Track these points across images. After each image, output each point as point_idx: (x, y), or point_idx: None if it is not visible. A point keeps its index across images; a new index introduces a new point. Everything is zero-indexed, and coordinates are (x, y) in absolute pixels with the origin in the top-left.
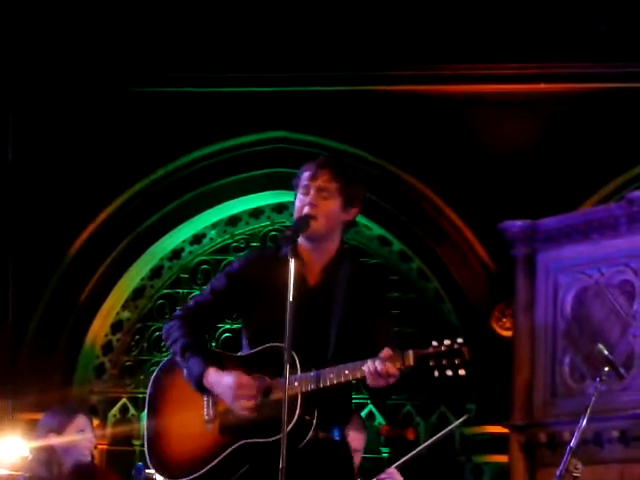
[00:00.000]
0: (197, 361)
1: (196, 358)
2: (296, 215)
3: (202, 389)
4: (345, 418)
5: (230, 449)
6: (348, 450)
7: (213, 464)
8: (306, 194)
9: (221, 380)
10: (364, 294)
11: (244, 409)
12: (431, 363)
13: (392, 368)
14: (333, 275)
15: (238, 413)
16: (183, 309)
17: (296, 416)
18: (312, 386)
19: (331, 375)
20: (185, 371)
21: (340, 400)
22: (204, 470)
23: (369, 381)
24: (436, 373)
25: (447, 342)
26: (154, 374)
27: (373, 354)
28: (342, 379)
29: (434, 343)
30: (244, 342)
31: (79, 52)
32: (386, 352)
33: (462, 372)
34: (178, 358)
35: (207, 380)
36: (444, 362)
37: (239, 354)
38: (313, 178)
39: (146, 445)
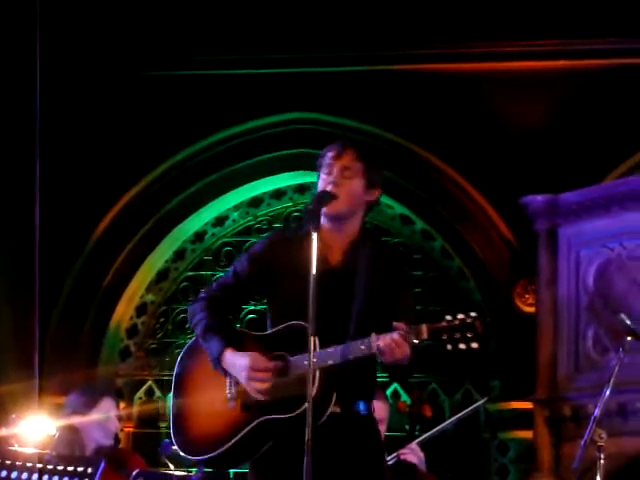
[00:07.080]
0: (217, 342)
1: (216, 339)
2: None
3: (221, 369)
4: (370, 392)
5: (251, 426)
6: (375, 423)
7: (235, 440)
8: (330, 173)
9: (236, 362)
10: (386, 274)
11: (258, 391)
12: (444, 337)
13: (399, 339)
14: (354, 256)
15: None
16: (207, 291)
17: (314, 392)
18: (330, 362)
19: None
20: (207, 352)
21: (364, 375)
22: (226, 447)
23: (385, 356)
24: (449, 347)
25: (460, 316)
26: (180, 355)
27: None
28: (359, 354)
29: (447, 317)
30: (268, 322)
31: (98, 37)
32: (400, 324)
33: (475, 345)
34: (200, 339)
35: (224, 361)
36: (456, 335)
37: (261, 333)
38: (337, 157)
39: (171, 424)
